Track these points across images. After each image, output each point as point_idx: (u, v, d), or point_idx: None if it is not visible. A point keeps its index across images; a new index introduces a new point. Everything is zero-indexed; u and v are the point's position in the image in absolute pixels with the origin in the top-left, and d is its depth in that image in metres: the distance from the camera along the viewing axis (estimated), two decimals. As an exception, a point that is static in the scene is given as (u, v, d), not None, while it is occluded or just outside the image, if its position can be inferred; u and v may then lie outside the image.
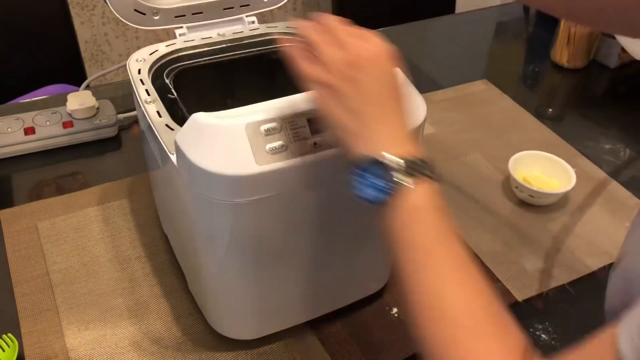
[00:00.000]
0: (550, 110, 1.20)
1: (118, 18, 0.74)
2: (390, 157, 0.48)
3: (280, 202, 0.58)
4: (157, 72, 0.73)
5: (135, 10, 0.74)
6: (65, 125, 0.99)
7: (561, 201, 0.94)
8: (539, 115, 1.14)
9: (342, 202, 0.62)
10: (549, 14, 0.68)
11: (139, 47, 0.81)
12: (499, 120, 1.12)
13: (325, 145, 0.57)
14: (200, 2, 0.77)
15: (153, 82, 0.70)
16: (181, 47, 0.76)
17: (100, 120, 1.00)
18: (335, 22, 0.53)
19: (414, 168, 0.48)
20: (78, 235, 0.85)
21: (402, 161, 0.48)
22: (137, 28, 0.76)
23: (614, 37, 1.20)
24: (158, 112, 0.65)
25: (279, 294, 0.69)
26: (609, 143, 1.09)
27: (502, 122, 1.11)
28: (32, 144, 0.97)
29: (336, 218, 0.64)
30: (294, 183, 0.57)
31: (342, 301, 0.76)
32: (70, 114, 1.00)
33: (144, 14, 0.74)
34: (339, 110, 0.50)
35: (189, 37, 0.77)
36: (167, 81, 0.73)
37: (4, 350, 0.69)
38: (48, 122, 0.99)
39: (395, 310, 0.78)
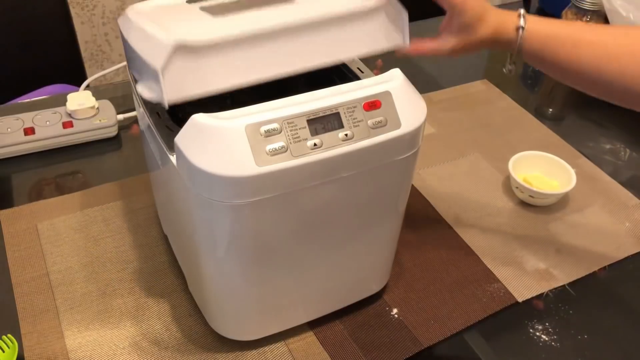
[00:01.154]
0: (550, 110, 1.19)
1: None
2: None
3: (280, 203, 0.58)
4: (157, 73, 0.73)
5: None
6: (65, 125, 0.99)
7: (561, 201, 0.94)
8: (539, 115, 1.14)
9: (342, 203, 0.62)
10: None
11: (138, 48, 0.80)
12: (498, 120, 1.12)
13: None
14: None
15: (153, 83, 0.70)
16: (181, 47, 0.75)
17: (100, 120, 1.00)
18: None
19: None
20: (78, 235, 0.85)
21: None
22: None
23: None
24: (158, 113, 0.65)
25: (278, 294, 0.69)
26: (609, 143, 1.08)
27: (502, 122, 1.11)
28: (32, 144, 0.97)
29: (336, 219, 0.64)
30: (293, 184, 0.57)
31: (342, 302, 0.76)
32: (70, 114, 1.00)
33: None
34: None
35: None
36: (166, 82, 0.73)
37: (3, 351, 0.69)
38: (48, 122, 0.99)
39: (395, 310, 0.78)
